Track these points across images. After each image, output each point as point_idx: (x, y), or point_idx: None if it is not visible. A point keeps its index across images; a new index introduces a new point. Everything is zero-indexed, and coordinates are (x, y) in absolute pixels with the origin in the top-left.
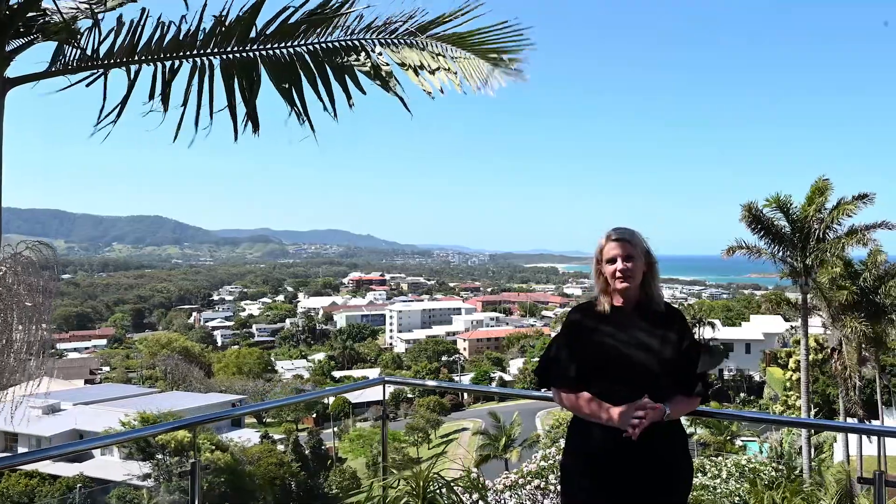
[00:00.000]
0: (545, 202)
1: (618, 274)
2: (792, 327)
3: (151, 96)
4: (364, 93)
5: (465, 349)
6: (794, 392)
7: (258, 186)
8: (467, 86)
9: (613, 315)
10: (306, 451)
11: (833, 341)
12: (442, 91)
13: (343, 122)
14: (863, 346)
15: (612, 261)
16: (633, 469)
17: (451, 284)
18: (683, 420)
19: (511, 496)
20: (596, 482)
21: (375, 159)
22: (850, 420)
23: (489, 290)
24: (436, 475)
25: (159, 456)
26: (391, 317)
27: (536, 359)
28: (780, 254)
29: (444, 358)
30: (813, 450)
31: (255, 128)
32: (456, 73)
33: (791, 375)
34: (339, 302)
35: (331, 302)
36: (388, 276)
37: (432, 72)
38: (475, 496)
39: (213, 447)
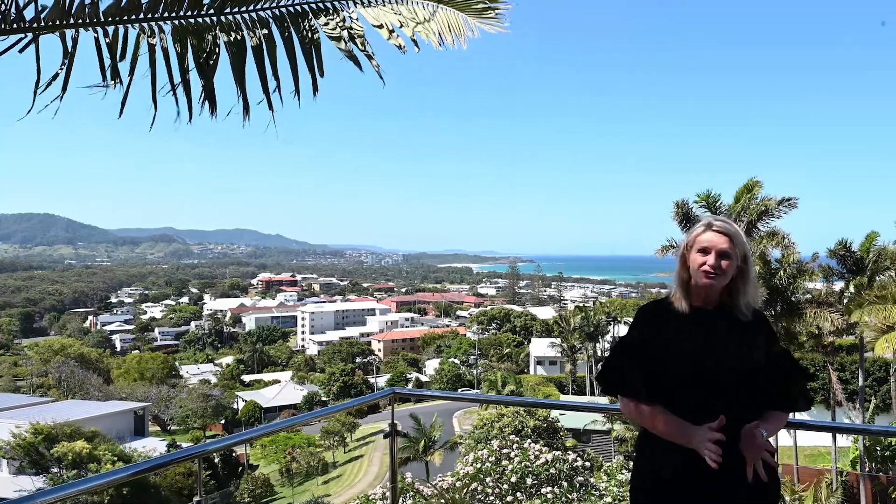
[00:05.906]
0: (460, 202)
1: (706, 268)
2: None
3: (108, 69)
4: (323, 75)
5: (380, 350)
6: None
7: (159, 185)
8: (440, 50)
9: (693, 315)
10: (215, 459)
11: None
12: (416, 45)
13: (254, 120)
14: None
15: (705, 252)
16: (715, 492)
17: (365, 285)
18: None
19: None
20: None
21: (284, 158)
22: None
23: (403, 290)
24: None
25: (55, 469)
26: (303, 318)
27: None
28: None
29: (358, 359)
30: None
31: (213, 107)
32: (431, 26)
33: None
34: (247, 303)
35: (239, 303)
36: (299, 277)
37: (411, 25)
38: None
39: (115, 458)
